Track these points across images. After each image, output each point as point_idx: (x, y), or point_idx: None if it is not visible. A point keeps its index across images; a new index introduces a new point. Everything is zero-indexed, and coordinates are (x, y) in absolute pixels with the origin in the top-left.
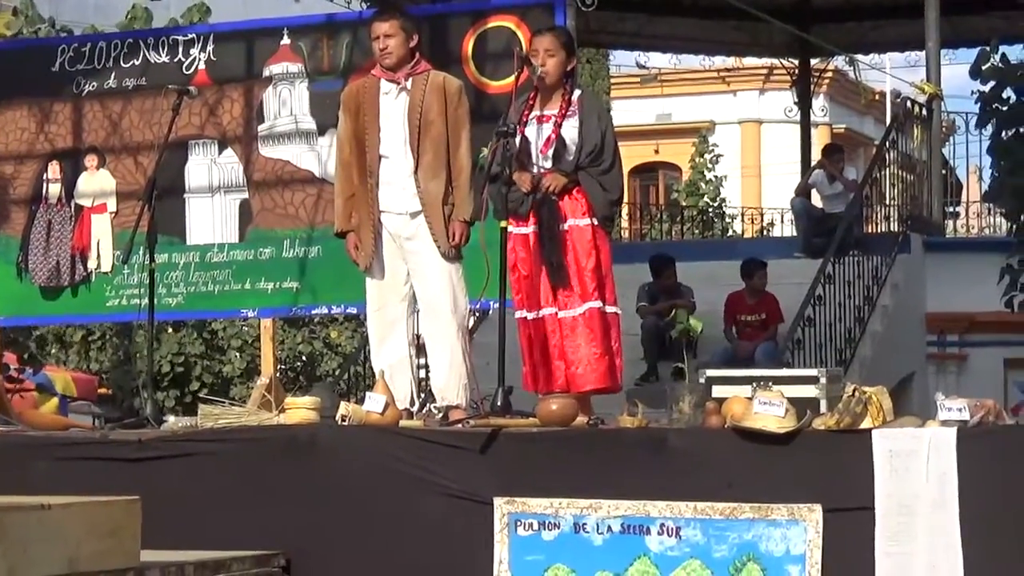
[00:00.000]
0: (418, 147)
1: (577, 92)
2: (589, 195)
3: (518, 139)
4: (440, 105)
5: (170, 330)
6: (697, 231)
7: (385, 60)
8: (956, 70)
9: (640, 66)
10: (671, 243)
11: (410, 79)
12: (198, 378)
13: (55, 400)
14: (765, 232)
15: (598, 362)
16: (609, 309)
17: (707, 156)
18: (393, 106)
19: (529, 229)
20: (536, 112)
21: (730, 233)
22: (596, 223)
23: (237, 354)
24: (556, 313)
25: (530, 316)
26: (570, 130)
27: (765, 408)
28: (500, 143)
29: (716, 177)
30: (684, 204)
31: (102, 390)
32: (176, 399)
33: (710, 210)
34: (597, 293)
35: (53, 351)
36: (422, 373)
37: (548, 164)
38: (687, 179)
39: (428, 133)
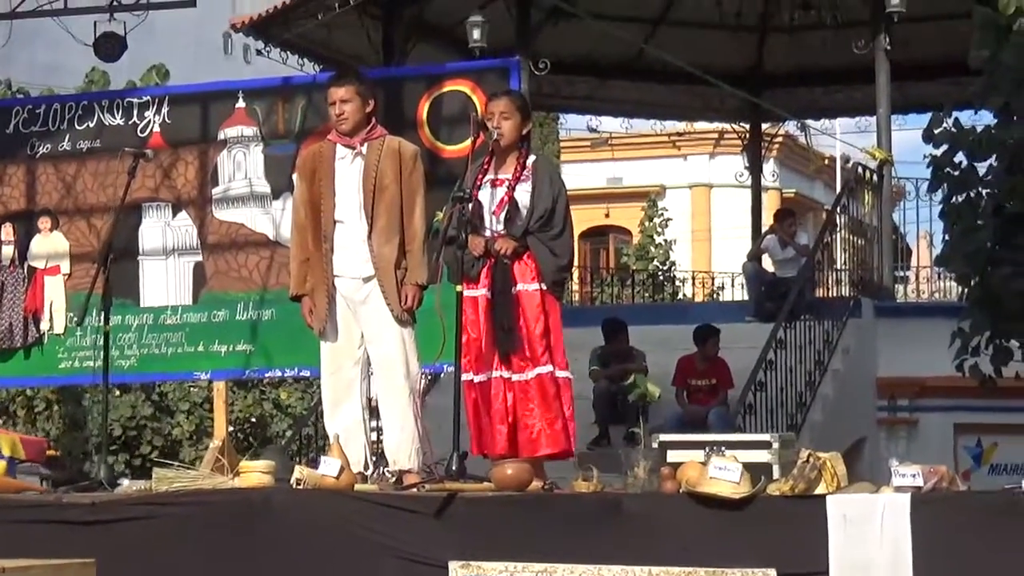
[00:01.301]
0: (372, 212)
1: (532, 157)
2: (539, 260)
3: (471, 203)
4: (395, 170)
5: (118, 393)
6: (647, 295)
7: (341, 126)
8: (906, 135)
9: (591, 130)
10: (621, 306)
11: (366, 144)
12: (148, 442)
13: (2, 463)
14: (715, 296)
15: (551, 427)
16: (560, 374)
17: (656, 220)
18: (348, 171)
19: (479, 292)
20: (491, 176)
21: (680, 296)
22: (545, 288)
23: (185, 416)
24: (504, 377)
25: (477, 379)
26: (523, 194)
27: (720, 473)
28: (456, 208)
29: (666, 241)
30: (634, 268)
31: (51, 452)
32: (126, 462)
33: (660, 274)
34: (547, 357)
35: None
36: (375, 435)
37: (500, 227)
38: (637, 243)
39: (382, 198)
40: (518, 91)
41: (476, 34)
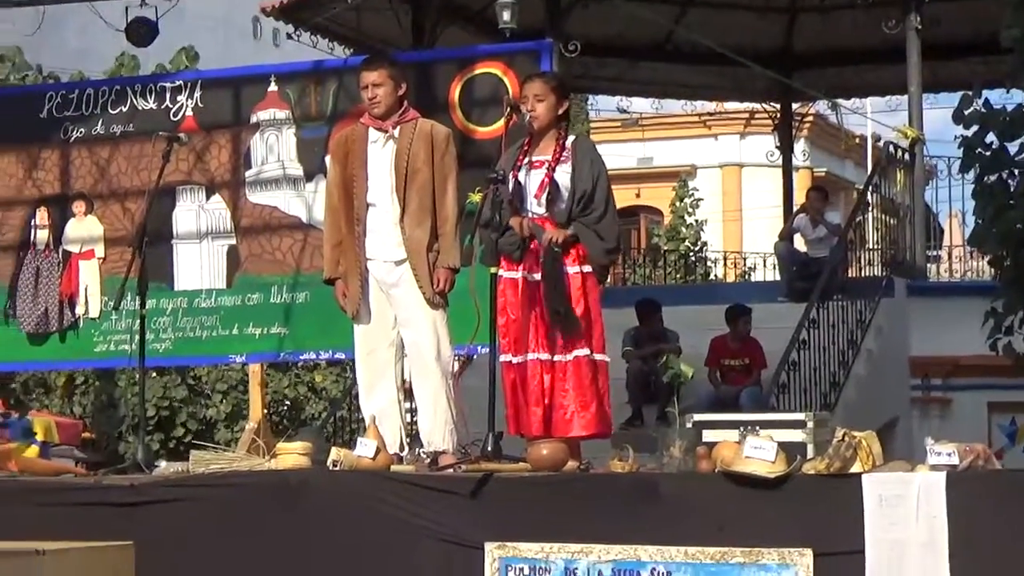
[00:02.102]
0: (404, 195)
1: (571, 138)
2: (588, 246)
3: (511, 184)
4: (427, 153)
5: (154, 375)
6: (678, 276)
7: (374, 109)
8: (937, 114)
9: (621, 111)
10: (653, 287)
11: (398, 127)
12: (183, 423)
13: (35, 448)
14: (747, 276)
15: (585, 409)
16: (597, 357)
17: (687, 200)
18: (380, 154)
19: (519, 274)
20: (530, 157)
21: (711, 277)
22: (586, 271)
23: (221, 398)
24: (542, 359)
25: (516, 360)
26: (563, 175)
27: (755, 452)
28: (491, 189)
29: (697, 221)
30: (665, 248)
31: (86, 434)
32: (160, 443)
33: (691, 254)
34: (585, 340)
35: (36, 396)
36: (409, 417)
37: (541, 210)
38: (668, 223)
39: (414, 181)
40: (553, 72)
41: (506, 16)
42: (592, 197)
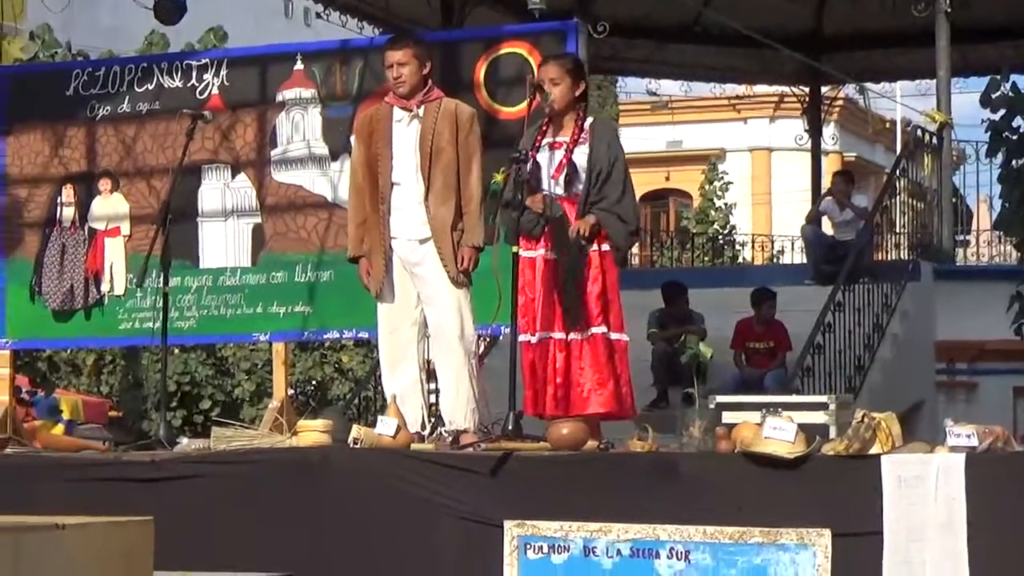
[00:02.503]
0: (429, 174)
1: (590, 119)
2: (610, 230)
3: (529, 165)
4: (452, 132)
5: (176, 351)
6: (707, 258)
7: (399, 88)
8: (967, 98)
9: (651, 93)
10: (681, 270)
11: (422, 106)
12: (209, 397)
13: (60, 426)
14: (775, 259)
15: (601, 387)
16: (614, 336)
17: (716, 184)
18: (405, 133)
19: (537, 253)
20: (548, 139)
21: (740, 260)
22: (604, 249)
23: (246, 377)
24: (557, 338)
25: (534, 339)
26: (581, 156)
27: (775, 433)
28: (513, 169)
29: (726, 204)
30: (694, 231)
31: (112, 413)
32: (184, 419)
33: (720, 237)
34: (602, 318)
35: (64, 374)
36: (432, 398)
37: (560, 190)
38: (697, 206)
39: (439, 160)
40: (570, 54)
41: None
42: (609, 177)
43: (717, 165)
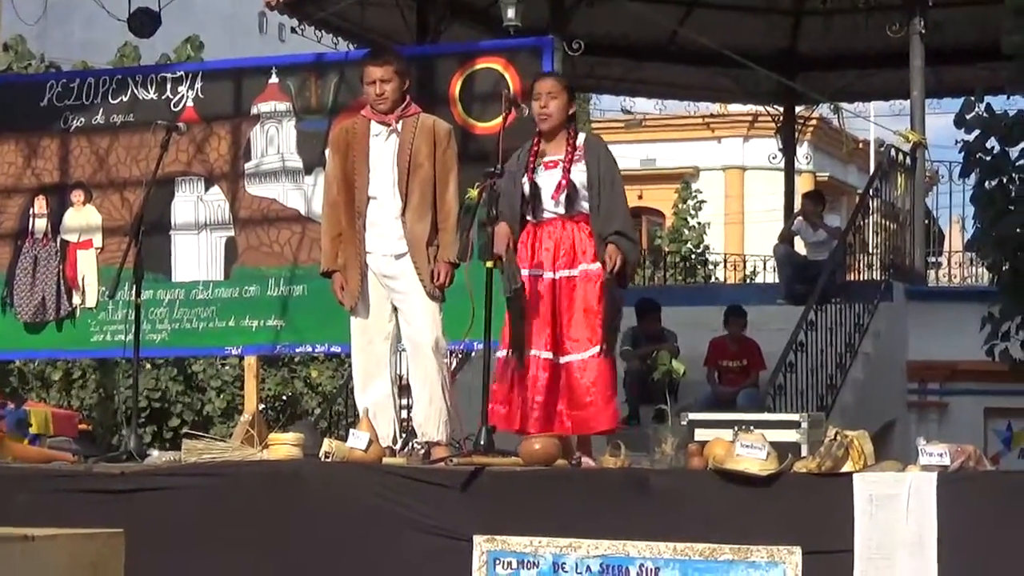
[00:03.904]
0: (407, 189)
1: (582, 136)
2: (627, 254)
3: (527, 187)
4: (429, 148)
5: (148, 366)
6: (680, 277)
7: (381, 105)
8: (940, 120)
9: (625, 111)
10: (654, 288)
11: (400, 121)
12: (179, 415)
13: (26, 441)
14: (748, 279)
15: (607, 404)
16: (607, 356)
17: (690, 202)
18: (383, 148)
19: (525, 271)
20: (542, 158)
21: (713, 279)
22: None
23: (216, 393)
24: (544, 357)
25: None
26: (579, 174)
27: (747, 451)
28: (487, 184)
29: (699, 223)
30: (667, 250)
31: (83, 426)
32: (153, 435)
33: (693, 256)
34: (597, 339)
35: (35, 387)
36: (404, 413)
37: (560, 209)
38: (670, 225)
39: (417, 175)
40: (563, 72)
41: (510, 13)
42: (612, 190)
43: (690, 184)
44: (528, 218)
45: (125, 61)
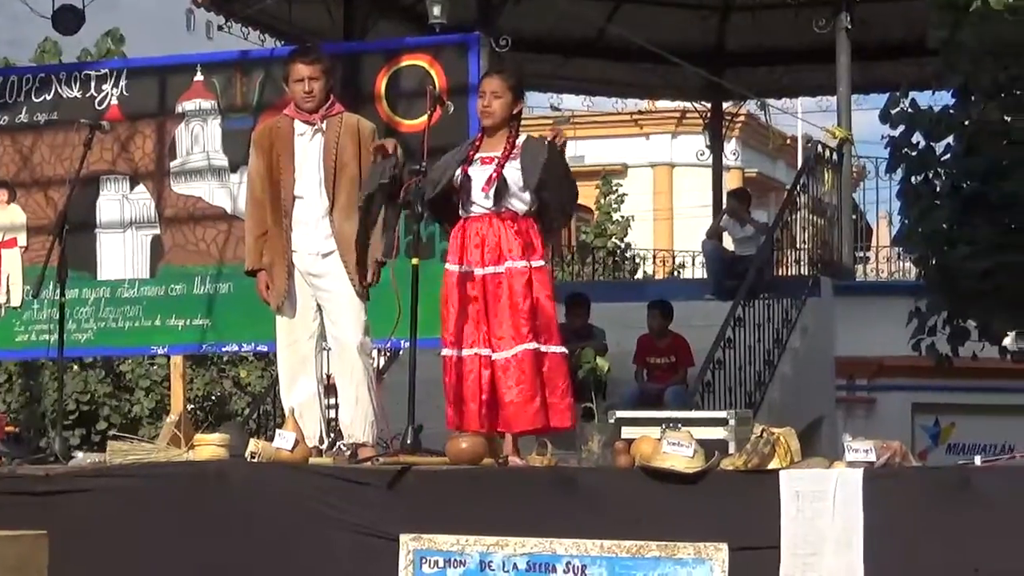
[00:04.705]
0: (334, 188)
1: (523, 137)
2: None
3: (459, 178)
4: (355, 147)
5: (75, 368)
6: (606, 273)
7: (308, 103)
8: (867, 115)
9: (553, 108)
10: (581, 284)
11: (325, 120)
12: (106, 418)
13: None
14: (675, 274)
15: (528, 403)
16: (553, 349)
17: (611, 197)
18: (308, 147)
19: (458, 268)
20: (481, 154)
21: (639, 275)
22: (535, 265)
23: (144, 394)
24: (482, 354)
25: (453, 354)
26: (512, 171)
27: (674, 448)
28: (413, 181)
29: (623, 217)
30: (593, 245)
31: (10, 428)
32: (82, 438)
33: (618, 252)
34: (533, 334)
35: None
36: (331, 413)
37: (489, 203)
38: (595, 221)
39: (343, 175)
40: (513, 70)
41: (436, 11)
42: (549, 180)
43: (610, 179)
44: (459, 212)
45: (46, 57)
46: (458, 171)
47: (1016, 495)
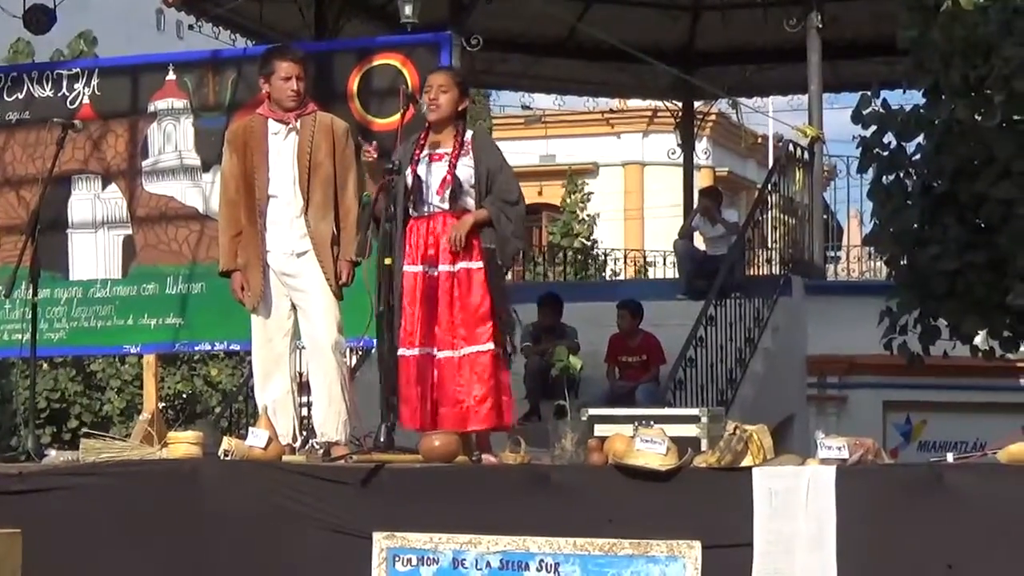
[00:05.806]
0: (308, 188)
1: (469, 132)
2: (499, 225)
3: (410, 178)
4: (328, 146)
5: (45, 366)
6: (575, 273)
7: (292, 101)
8: (838, 115)
9: (524, 107)
10: (551, 284)
11: (299, 119)
12: (77, 416)
13: None
14: (643, 272)
15: (480, 404)
16: (495, 349)
17: (577, 195)
18: (282, 146)
19: (418, 268)
20: (428, 151)
21: (607, 274)
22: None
23: (116, 393)
24: (435, 354)
25: (411, 353)
26: (464, 169)
27: (647, 446)
28: (387, 180)
29: (589, 216)
30: (561, 245)
31: None
32: (52, 436)
33: (586, 251)
34: (488, 336)
35: None
36: (304, 411)
37: (444, 205)
38: (561, 220)
39: (318, 174)
40: (459, 68)
41: (408, 10)
42: (499, 178)
43: (575, 179)
44: (411, 212)
45: (19, 57)
46: (408, 172)
47: (988, 492)
